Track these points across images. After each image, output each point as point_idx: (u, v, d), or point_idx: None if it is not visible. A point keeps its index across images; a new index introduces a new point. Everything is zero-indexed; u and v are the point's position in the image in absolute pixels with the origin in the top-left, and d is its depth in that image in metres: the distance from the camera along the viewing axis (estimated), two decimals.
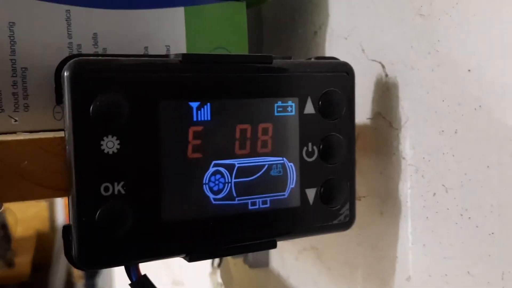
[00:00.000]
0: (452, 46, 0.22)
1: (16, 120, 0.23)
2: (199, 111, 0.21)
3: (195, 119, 0.21)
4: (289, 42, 0.34)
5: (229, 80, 0.21)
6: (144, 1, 0.25)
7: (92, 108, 0.19)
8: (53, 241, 2.87)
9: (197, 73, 0.21)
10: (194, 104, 0.21)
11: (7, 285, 2.29)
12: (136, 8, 0.25)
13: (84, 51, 0.24)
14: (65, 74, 0.19)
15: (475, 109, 0.21)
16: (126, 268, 0.20)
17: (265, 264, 0.41)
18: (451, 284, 0.23)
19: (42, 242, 2.85)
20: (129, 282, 0.20)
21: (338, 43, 0.29)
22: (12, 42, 0.22)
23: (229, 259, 0.43)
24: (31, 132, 0.23)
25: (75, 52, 0.24)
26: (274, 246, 0.22)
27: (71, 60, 0.19)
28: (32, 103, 0.23)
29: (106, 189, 0.19)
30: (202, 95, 0.21)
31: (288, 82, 0.22)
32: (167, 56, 0.21)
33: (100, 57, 0.20)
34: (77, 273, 1.93)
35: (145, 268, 0.21)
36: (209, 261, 0.48)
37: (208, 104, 0.21)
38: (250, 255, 0.40)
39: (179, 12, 0.26)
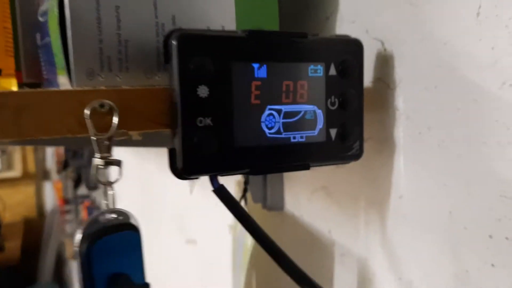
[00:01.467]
0: (433, 26, 0.31)
1: (120, 78, 0.31)
2: (258, 70, 0.29)
3: (256, 76, 0.29)
4: (304, 26, 0.43)
5: (278, 49, 0.30)
6: None
7: (191, 66, 0.27)
8: (41, 227, 2.92)
9: (257, 44, 0.29)
10: (255, 65, 0.29)
11: None
12: None
13: (166, 29, 0.32)
14: (173, 42, 0.27)
15: (450, 70, 0.30)
16: (210, 178, 0.29)
17: (280, 207, 0.50)
18: (432, 195, 0.32)
19: (30, 228, 2.89)
20: (212, 188, 0.29)
21: (347, 26, 0.38)
22: (118, 21, 0.31)
23: (249, 205, 0.52)
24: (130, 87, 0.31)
25: (160, 29, 0.32)
26: (307, 168, 0.31)
27: (176, 33, 0.27)
28: (131, 66, 0.31)
29: (200, 121, 0.28)
30: (261, 59, 0.29)
31: (317, 52, 0.31)
32: (236, 32, 0.30)
33: (194, 31, 0.28)
34: (69, 252, 1.99)
35: (157, 227, 0.30)
36: (224, 216, 0.57)
37: (265, 65, 0.30)
38: (269, 200, 0.50)
39: (230, 0, 0.35)
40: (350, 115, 0.33)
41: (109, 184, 0.28)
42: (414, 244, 0.34)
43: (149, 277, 0.30)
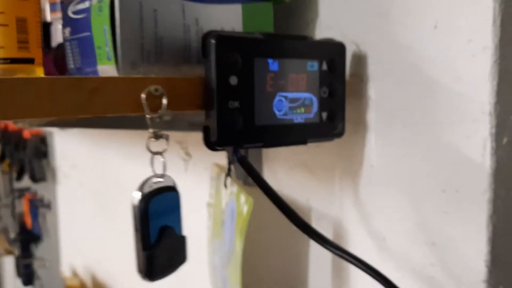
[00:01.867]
0: (399, 34, 0.40)
1: (155, 69, 0.38)
2: (272, 64, 0.37)
3: (270, 69, 0.37)
4: (288, 29, 0.51)
5: (287, 48, 0.38)
6: None
7: (224, 60, 0.35)
8: None
9: (272, 44, 0.37)
10: (270, 60, 0.37)
11: None
12: (216, 3, 0.41)
13: (191, 30, 0.39)
14: (212, 41, 0.34)
15: (412, 68, 0.40)
16: (234, 150, 0.37)
17: None
18: (397, 163, 0.42)
19: None
20: (236, 158, 0.37)
21: (326, 31, 0.47)
22: (155, 21, 0.37)
23: (233, 181, 0.59)
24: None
25: (186, 29, 0.39)
26: (305, 143, 0.40)
27: (213, 34, 0.35)
28: (164, 59, 0.38)
29: (231, 104, 0.35)
30: (273, 55, 0.37)
31: (313, 51, 0.40)
32: (256, 34, 0.37)
33: (226, 32, 0.35)
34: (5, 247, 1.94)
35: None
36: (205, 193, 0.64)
37: (277, 61, 0.38)
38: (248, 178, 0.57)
39: (237, 7, 0.42)
40: (336, 101, 0.42)
41: (160, 153, 0.35)
42: (382, 202, 0.43)
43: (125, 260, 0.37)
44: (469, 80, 0.35)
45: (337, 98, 0.42)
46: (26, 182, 1.51)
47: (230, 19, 0.42)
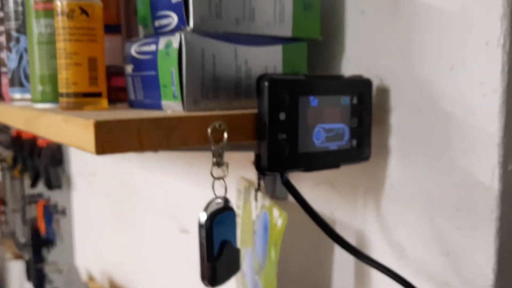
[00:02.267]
0: (419, 70, 0.47)
1: (213, 104, 0.44)
2: (313, 101, 0.44)
3: (311, 105, 0.44)
4: (315, 62, 0.58)
5: (324, 86, 0.44)
6: (265, 41, 0.47)
7: (276, 99, 0.41)
8: None
9: (312, 83, 0.44)
10: (311, 98, 0.44)
11: None
12: (262, 46, 0.47)
13: (242, 69, 0.45)
14: (265, 83, 0.41)
15: (430, 101, 0.46)
16: (280, 174, 0.43)
17: (285, 197, 0.64)
18: (415, 183, 0.48)
19: None
20: (281, 181, 0.43)
21: (351, 65, 0.54)
22: (214, 64, 0.44)
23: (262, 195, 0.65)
24: (218, 110, 0.44)
25: (237, 69, 0.45)
26: (338, 167, 0.46)
27: (266, 77, 0.41)
28: (220, 95, 0.44)
29: (280, 136, 0.42)
30: (313, 93, 0.44)
31: (346, 87, 0.46)
32: (300, 75, 0.44)
33: (276, 75, 0.42)
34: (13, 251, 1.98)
35: (153, 218, 0.43)
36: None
37: (317, 98, 0.44)
38: (277, 192, 0.64)
39: (279, 48, 0.49)
40: (364, 130, 0.48)
41: (221, 178, 0.41)
42: (401, 217, 0.50)
43: (141, 266, 0.43)
44: (480, 115, 0.42)
45: (365, 127, 0.48)
46: (38, 188, 1.56)
47: (272, 58, 0.48)
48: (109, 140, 0.35)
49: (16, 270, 1.98)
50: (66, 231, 1.47)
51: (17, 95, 0.62)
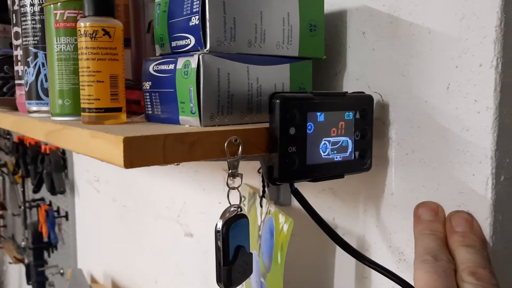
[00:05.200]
0: (417, 90, 0.51)
1: (227, 119, 0.47)
2: (320, 116, 0.47)
3: (318, 120, 0.47)
4: (318, 78, 0.61)
5: (330, 103, 0.48)
6: (274, 61, 0.51)
7: (286, 115, 0.44)
8: None
9: (318, 100, 0.47)
10: (318, 113, 0.47)
11: None
12: (271, 65, 0.51)
13: (253, 87, 0.49)
14: (277, 101, 0.44)
15: (428, 117, 0.50)
16: (290, 184, 0.46)
17: (288, 203, 0.68)
18: (414, 192, 0.52)
19: None
20: (291, 190, 0.46)
21: (352, 82, 0.57)
22: (228, 82, 0.47)
23: (267, 201, 0.69)
24: (232, 125, 0.47)
25: (250, 86, 0.49)
26: (342, 176, 0.50)
27: (277, 95, 0.44)
28: (233, 111, 0.48)
29: (290, 149, 0.45)
30: (320, 109, 0.47)
31: (350, 103, 0.50)
32: (308, 93, 0.47)
33: (286, 93, 0.45)
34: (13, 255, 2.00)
35: (158, 223, 0.47)
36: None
37: (323, 113, 0.47)
38: (281, 198, 0.67)
39: (287, 66, 0.52)
40: (366, 142, 0.52)
41: (236, 188, 0.44)
42: (401, 222, 0.54)
43: (145, 269, 0.46)
44: (475, 131, 0.46)
45: (367, 139, 0.52)
46: (40, 193, 1.58)
47: (281, 75, 0.52)
48: (136, 154, 0.39)
49: (15, 273, 1.99)
50: (68, 236, 1.49)
51: (34, 107, 0.65)
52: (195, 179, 0.92)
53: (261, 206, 0.67)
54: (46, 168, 1.40)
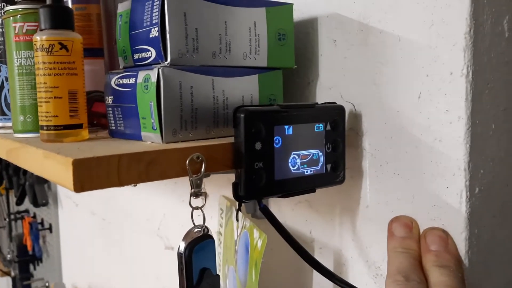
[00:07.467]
0: (389, 99, 0.49)
1: (191, 134, 0.45)
2: (287, 129, 0.45)
3: (286, 133, 0.45)
4: (290, 87, 0.59)
5: (299, 115, 0.46)
6: (241, 72, 0.49)
7: (251, 129, 0.43)
8: None
9: (287, 113, 0.45)
10: (286, 127, 0.45)
11: None
12: (238, 76, 0.49)
13: (219, 100, 0.47)
14: (241, 115, 0.42)
15: (400, 128, 0.48)
16: (258, 201, 0.44)
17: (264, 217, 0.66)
18: (389, 204, 0.50)
19: None
20: (259, 207, 0.45)
21: (325, 91, 0.55)
22: (191, 96, 0.45)
23: (243, 214, 0.67)
24: (197, 140, 0.45)
25: (215, 100, 0.47)
26: (314, 191, 0.48)
27: (241, 109, 0.42)
28: (198, 126, 0.46)
29: (256, 165, 0.43)
30: (288, 122, 0.45)
31: (320, 115, 0.48)
32: (275, 106, 0.45)
33: (251, 107, 0.43)
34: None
35: (139, 236, 0.45)
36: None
37: (291, 126, 0.46)
38: (257, 211, 0.65)
39: (255, 77, 0.50)
40: (338, 154, 0.50)
41: (199, 208, 0.42)
42: (376, 235, 0.52)
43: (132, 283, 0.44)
44: (447, 142, 0.44)
45: (339, 151, 0.50)
46: (24, 205, 1.56)
47: (249, 87, 0.50)
48: (88, 177, 0.36)
49: (3, 287, 1.96)
50: (53, 248, 1.46)
51: None
52: (175, 190, 0.90)
53: (237, 220, 0.65)
54: (28, 179, 1.38)
